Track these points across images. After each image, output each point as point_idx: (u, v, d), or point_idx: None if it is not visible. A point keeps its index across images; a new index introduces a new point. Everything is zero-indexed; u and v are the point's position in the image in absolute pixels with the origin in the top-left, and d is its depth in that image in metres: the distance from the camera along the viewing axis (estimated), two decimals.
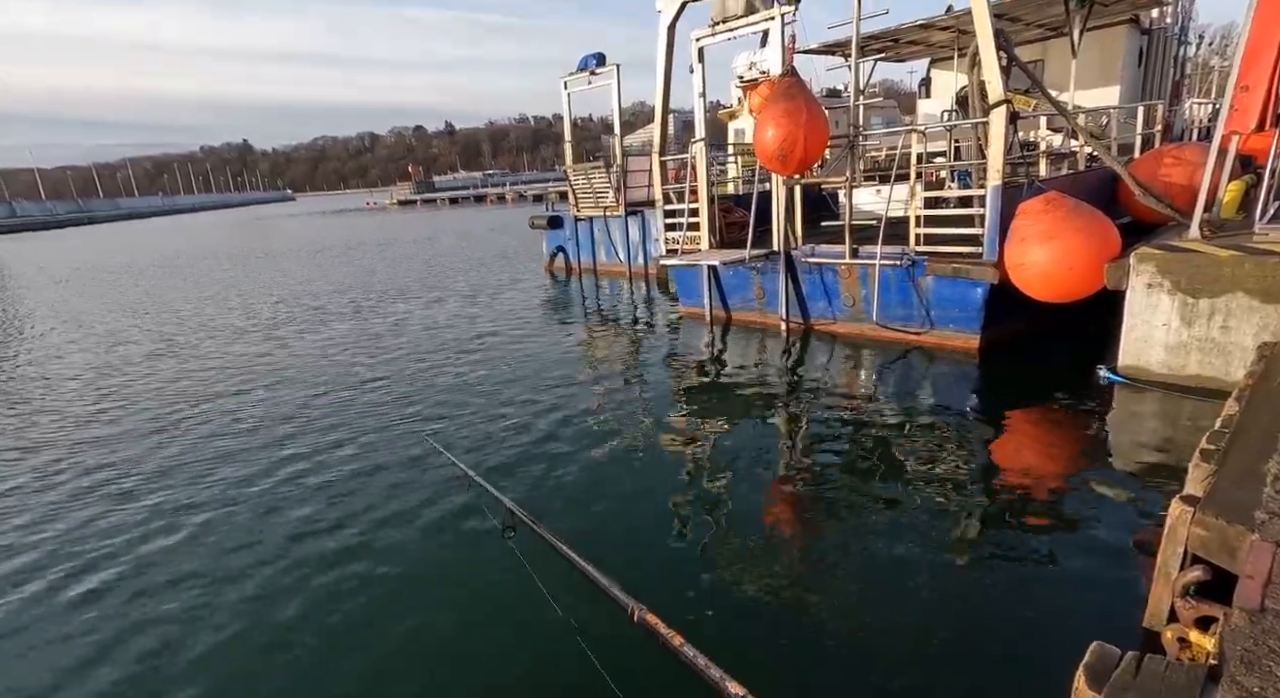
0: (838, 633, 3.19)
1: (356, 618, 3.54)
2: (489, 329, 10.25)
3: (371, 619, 3.52)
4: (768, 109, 7.35)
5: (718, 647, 2.05)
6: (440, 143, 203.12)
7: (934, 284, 7.22)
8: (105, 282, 20.29)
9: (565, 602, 3.20)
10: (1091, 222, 6.23)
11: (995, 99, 6.50)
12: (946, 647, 3.07)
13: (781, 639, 3.18)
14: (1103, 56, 11.64)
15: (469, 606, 3.57)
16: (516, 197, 63.64)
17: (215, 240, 36.58)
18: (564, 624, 3.11)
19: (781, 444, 5.55)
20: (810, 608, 3.41)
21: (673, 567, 3.84)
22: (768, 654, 3.10)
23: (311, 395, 7.48)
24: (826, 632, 3.21)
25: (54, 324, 13.51)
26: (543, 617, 3.23)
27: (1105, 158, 7.27)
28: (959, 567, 3.67)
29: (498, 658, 3.18)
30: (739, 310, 9.52)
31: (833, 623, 3.26)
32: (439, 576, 3.89)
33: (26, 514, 5.03)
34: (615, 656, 2.82)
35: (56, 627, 3.61)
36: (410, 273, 17.59)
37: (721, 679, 1.62)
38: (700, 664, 1.71)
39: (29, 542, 4.62)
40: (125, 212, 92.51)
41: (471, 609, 3.54)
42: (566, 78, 14.60)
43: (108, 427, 6.92)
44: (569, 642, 2.96)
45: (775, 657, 3.09)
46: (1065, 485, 4.62)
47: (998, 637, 3.14)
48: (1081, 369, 6.26)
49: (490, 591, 3.66)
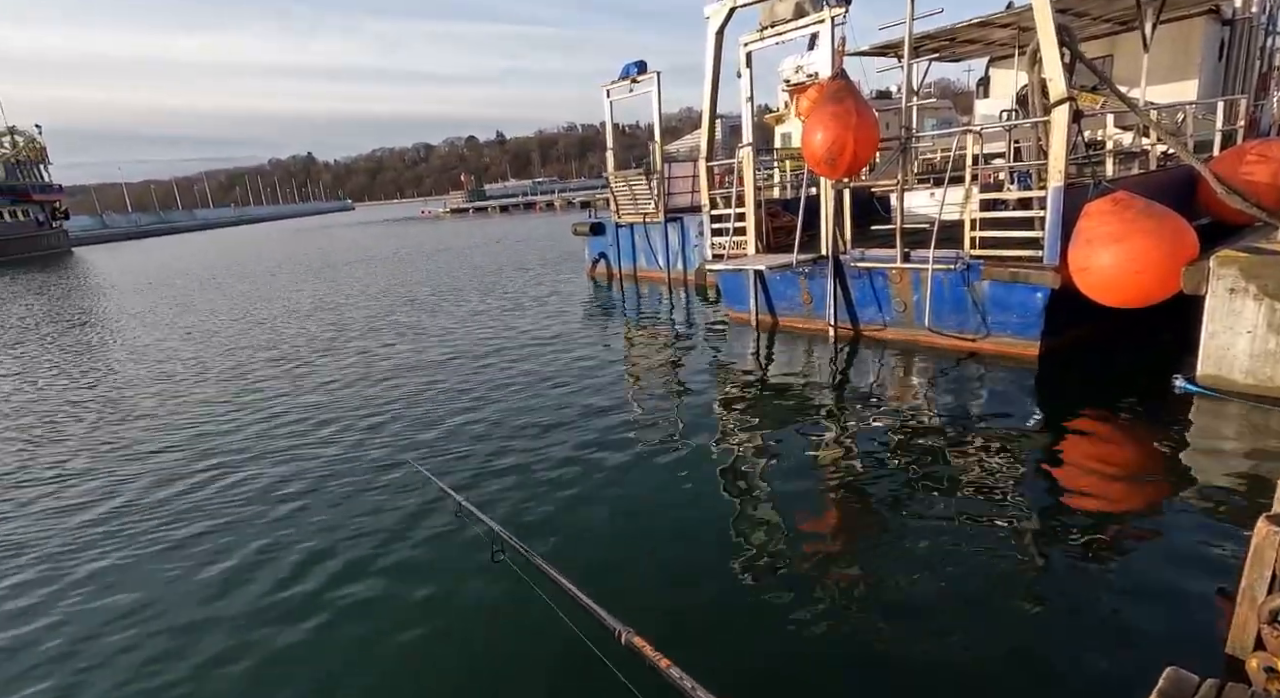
0: (890, 655, 3.06)
1: (351, 634, 3.51)
2: (532, 337, 10.40)
3: (369, 636, 3.50)
4: (816, 112, 7.25)
5: (751, 660, 1.99)
6: (491, 152, 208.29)
7: (990, 289, 6.94)
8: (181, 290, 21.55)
9: (556, 624, 3.02)
10: (1164, 223, 5.87)
11: (1057, 97, 6.23)
12: (1006, 672, 2.91)
13: (834, 665, 3.08)
14: (1178, 50, 11.00)
15: (459, 626, 3.55)
16: (565, 203, 64.64)
17: (290, 249, 38.28)
18: (552, 646, 3.02)
19: (828, 454, 5.42)
20: (858, 625, 3.30)
21: (711, 577, 3.79)
22: (819, 679, 3.03)
23: (338, 400, 7.77)
24: (875, 652, 3.10)
25: (120, 327, 14.48)
26: (534, 638, 3.19)
27: (1183, 154, 6.86)
28: (1020, 586, 3.48)
29: (490, 676, 3.16)
30: (785, 316, 9.39)
31: (885, 645, 3.14)
32: (427, 598, 3.80)
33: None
34: (603, 678, 2.67)
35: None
36: (459, 277, 18.06)
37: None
38: (687, 687, 1.65)
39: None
40: (201, 222, 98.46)
41: (461, 629, 3.52)
42: (609, 86, 14.78)
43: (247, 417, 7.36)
44: (557, 663, 2.88)
45: (829, 684, 3.02)
46: (1138, 500, 4.36)
47: (1063, 661, 2.94)
48: (1153, 378, 5.91)
49: (478, 613, 3.63)
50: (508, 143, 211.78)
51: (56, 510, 5.33)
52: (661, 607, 3.51)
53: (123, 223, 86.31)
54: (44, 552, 4.67)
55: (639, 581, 3.83)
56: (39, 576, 4.36)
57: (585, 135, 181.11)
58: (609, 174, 15.30)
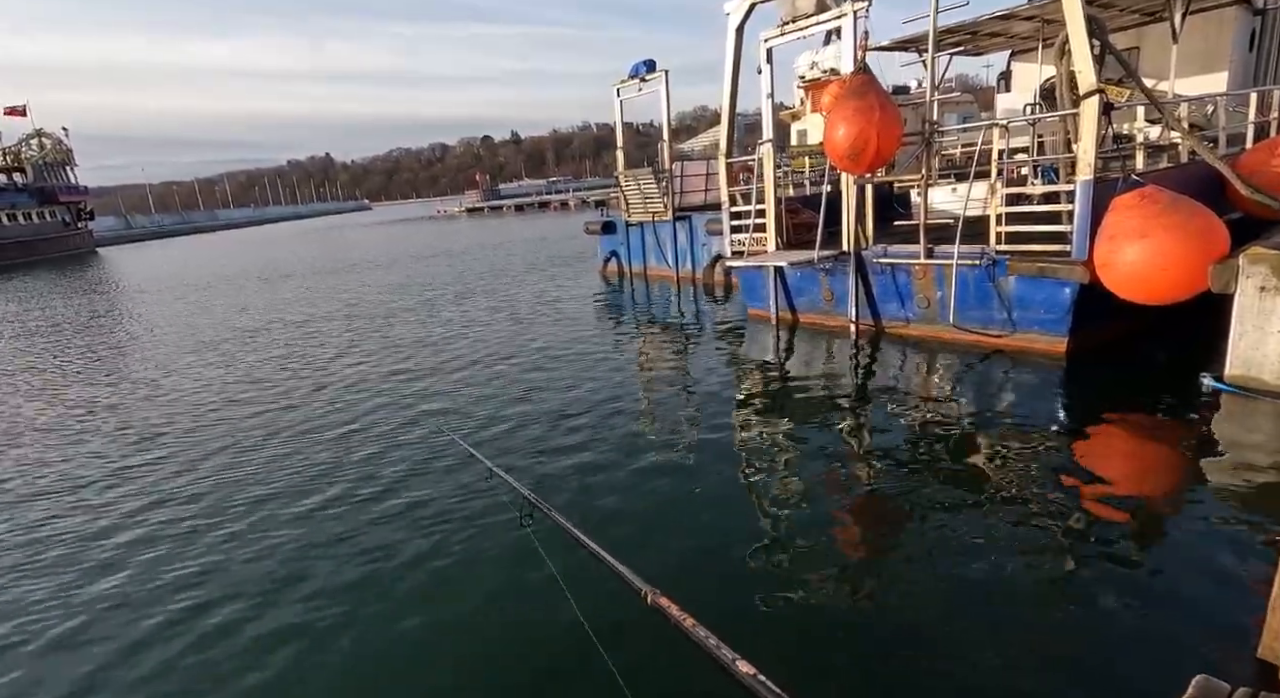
0: (911, 661, 3.04)
1: (379, 595, 3.79)
2: (548, 337, 10.48)
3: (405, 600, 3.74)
4: (839, 107, 7.23)
5: (777, 659, 2.02)
6: (506, 151, 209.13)
7: (1016, 285, 6.89)
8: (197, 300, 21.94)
9: (581, 588, 3.20)
10: (1191, 218, 5.74)
11: (1087, 89, 6.16)
12: (1032, 676, 2.87)
13: (854, 660, 3.08)
14: (1208, 41, 10.81)
15: (489, 591, 3.78)
16: (579, 202, 64.73)
17: (315, 251, 38.74)
18: (577, 610, 3.08)
19: (850, 452, 5.41)
20: (878, 624, 3.29)
21: (731, 572, 3.81)
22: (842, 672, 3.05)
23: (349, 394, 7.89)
24: (897, 658, 3.08)
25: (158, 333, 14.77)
26: (557, 602, 3.31)
27: (1202, 151, 6.75)
28: (1045, 589, 3.43)
29: (512, 643, 3.34)
30: (806, 313, 9.37)
31: (908, 651, 3.12)
32: (458, 563, 4.08)
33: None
34: (626, 639, 2.84)
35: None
36: (471, 277, 18.19)
37: (733, 660, 1.70)
38: (711, 644, 1.79)
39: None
40: (223, 222, 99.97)
41: (490, 594, 3.75)
42: (618, 85, 14.80)
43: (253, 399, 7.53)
44: (580, 626, 2.93)
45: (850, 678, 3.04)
46: (1165, 502, 4.30)
47: (1091, 667, 2.89)
48: (1181, 376, 5.83)
49: (508, 576, 3.87)
50: (522, 142, 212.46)
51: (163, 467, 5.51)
52: (685, 582, 3.54)
53: (146, 223, 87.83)
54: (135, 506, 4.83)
55: (662, 557, 3.90)
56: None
57: (599, 134, 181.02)
58: (619, 173, 15.35)
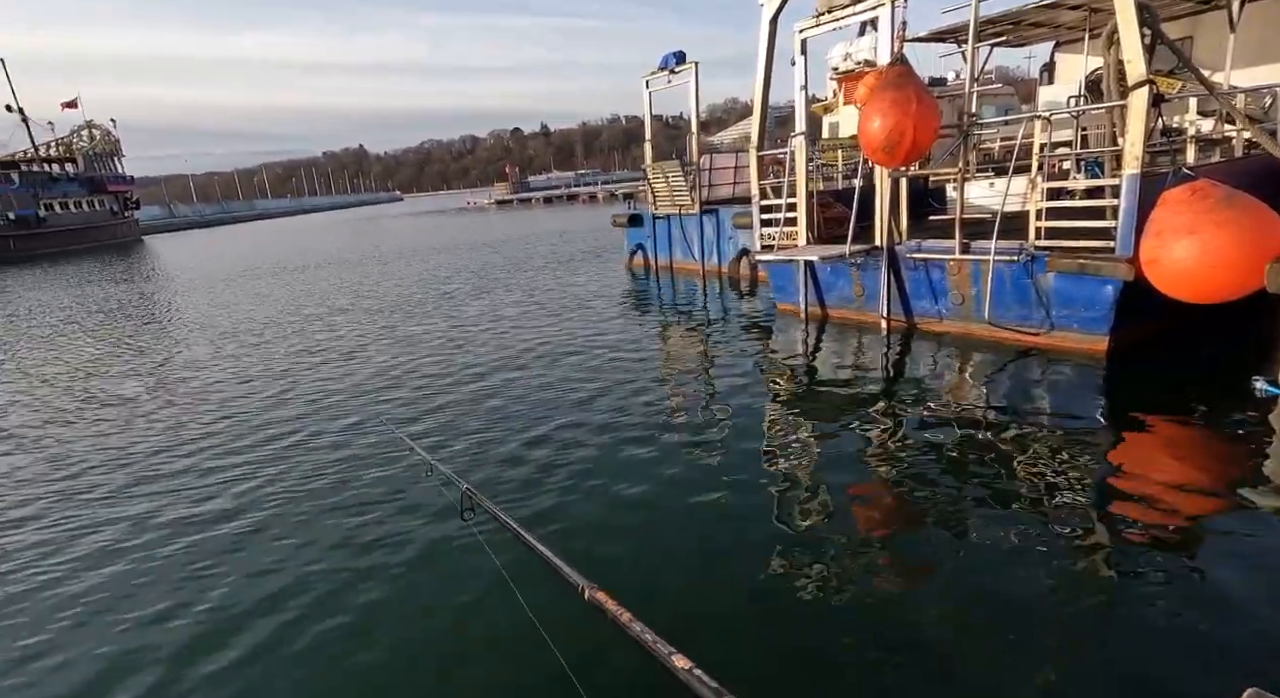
0: (946, 664, 3.00)
1: (323, 596, 3.80)
2: (579, 330, 10.52)
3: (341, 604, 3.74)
4: (875, 99, 7.09)
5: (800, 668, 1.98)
6: (535, 144, 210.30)
7: (1056, 281, 6.70)
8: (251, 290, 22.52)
9: (523, 583, 3.19)
10: (1246, 214, 5.49)
11: (1136, 80, 5.94)
12: (1073, 688, 2.77)
13: (882, 668, 3.04)
14: (1268, 29, 10.33)
15: (429, 586, 3.83)
16: (608, 195, 64.73)
17: (361, 241, 39.48)
18: (519, 604, 3.06)
19: (880, 451, 5.31)
20: (908, 629, 3.23)
21: (753, 572, 3.79)
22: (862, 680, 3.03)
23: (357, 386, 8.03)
24: (927, 660, 3.05)
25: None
26: (500, 597, 3.36)
27: (1264, 142, 6.46)
28: (1087, 597, 3.31)
29: (458, 639, 3.37)
30: (836, 308, 9.26)
31: (938, 653, 3.08)
32: (399, 559, 4.11)
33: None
34: (569, 633, 2.81)
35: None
36: (499, 270, 18.37)
37: (669, 655, 1.70)
38: (648, 640, 1.79)
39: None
40: (260, 212, 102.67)
41: (431, 589, 3.80)
42: (647, 77, 14.72)
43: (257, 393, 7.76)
44: (525, 622, 2.93)
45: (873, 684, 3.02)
46: (1214, 509, 4.12)
47: (1136, 679, 2.77)
48: (1231, 378, 5.61)
49: (448, 571, 3.93)
50: (552, 135, 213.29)
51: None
52: (704, 581, 3.57)
53: (188, 213, 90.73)
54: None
55: (685, 553, 3.90)
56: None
57: (629, 127, 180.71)
58: (646, 166, 15.28)
